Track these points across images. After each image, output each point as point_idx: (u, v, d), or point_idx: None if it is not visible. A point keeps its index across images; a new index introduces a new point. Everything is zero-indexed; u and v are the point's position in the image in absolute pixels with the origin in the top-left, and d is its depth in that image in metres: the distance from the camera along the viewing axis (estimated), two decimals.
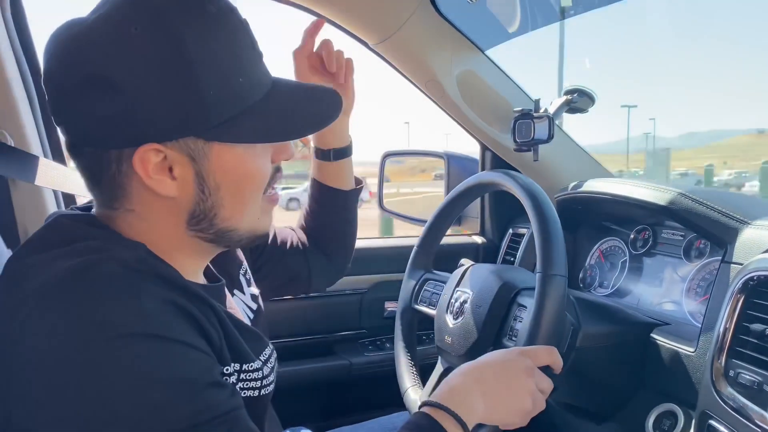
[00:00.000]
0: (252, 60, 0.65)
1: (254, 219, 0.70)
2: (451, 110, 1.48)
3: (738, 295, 0.86)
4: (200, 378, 0.58)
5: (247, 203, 0.68)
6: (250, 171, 0.67)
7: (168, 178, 0.63)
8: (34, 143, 1.16)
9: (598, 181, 1.30)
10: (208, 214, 0.66)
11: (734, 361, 0.84)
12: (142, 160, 0.61)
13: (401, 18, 1.29)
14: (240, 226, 0.69)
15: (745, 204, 1.05)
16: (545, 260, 0.90)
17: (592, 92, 1.40)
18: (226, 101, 0.62)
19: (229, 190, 0.66)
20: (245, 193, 0.67)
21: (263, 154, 0.68)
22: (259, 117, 0.64)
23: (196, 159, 0.63)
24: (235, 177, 0.66)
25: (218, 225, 0.67)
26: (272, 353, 0.80)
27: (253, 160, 0.67)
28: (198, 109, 0.60)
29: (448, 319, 1.10)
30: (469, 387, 0.76)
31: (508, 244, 1.63)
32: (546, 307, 0.88)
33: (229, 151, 0.64)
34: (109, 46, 0.58)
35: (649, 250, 1.27)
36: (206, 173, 0.64)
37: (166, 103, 0.59)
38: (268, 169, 0.69)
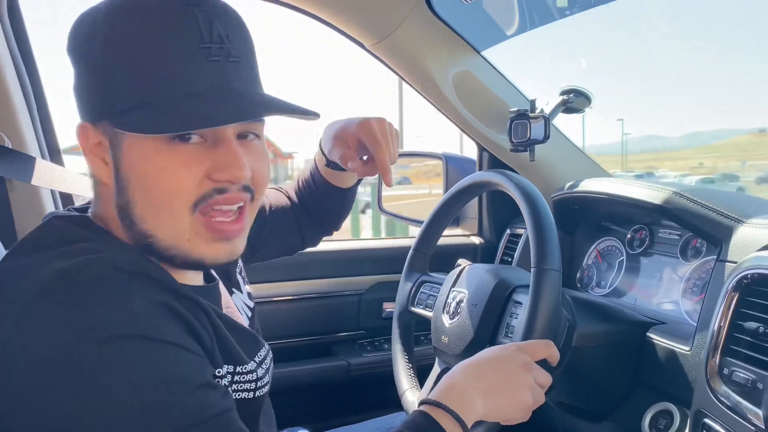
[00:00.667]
0: (180, 53, 0.60)
1: (179, 236, 0.64)
2: (448, 111, 1.48)
3: (732, 294, 0.86)
4: (191, 379, 0.58)
5: (161, 210, 0.63)
6: (158, 172, 0.61)
7: (101, 161, 0.65)
8: (32, 145, 1.17)
9: (593, 181, 1.30)
10: (125, 209, 0.64)
11: (728, 359, 0.84)
12: (81, 135, 0.64)
13: (397, 19, 1.29)
14: (159, 235, 0.64)
15: (740, 202, 1.05)
16: (539, 255, 0.91)
17: (588, 92, 1.40)
18: (132, 89, 0.60)
19: (138, 186, 0.62)
20: (154, 197, 0.62)
21: (187, 160, 0.61)
22: (156, 109, 0.59)
23: (114, 145, 0.63)
24: (142, 174, 0.62)
25: (137, 225, 0.64)
26: (267, 354, 0.79)
27: (164, 162, 0.61)
28: (108, 92, 0.61)
29: (444, 319, 1.10)
30: (468, 384, 0.76)
31: (505, 244, 1.63)
32: (541, 302, 0.88)
33: (139, 144, 0.61)
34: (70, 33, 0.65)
35: (646, 250, 1.27)
36: (119, 162, 0.63)
37: (89, 83, 0.63)
38: (187, 181, 0.62)
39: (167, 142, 0.61)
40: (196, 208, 0.63)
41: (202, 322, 0.64)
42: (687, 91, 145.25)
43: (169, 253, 0.65)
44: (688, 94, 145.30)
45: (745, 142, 52.14)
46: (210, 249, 0.65)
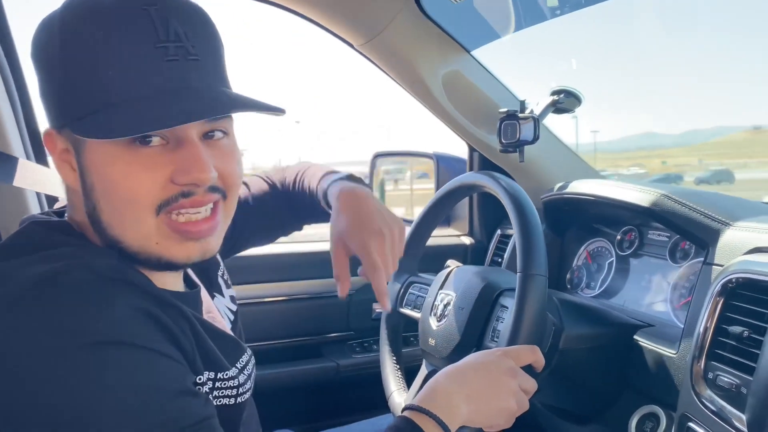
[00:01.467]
0: (136, 56, 0.58)
1: (147, 240, 0.63)
2: (437, 111, 1.47)
3: (717, 298, 0.86)
4: (171, 386, 0.57)
5: (125, 215, 0.62)
6: (119, 176, 0.60)
7: (69, 167, 0.64)
8: (16, 146, 1.16)
9: (582, 182, 1.29)
10: (93, 215, 0.63)
11: (713, 363, 0.84)
12: (47, 142, 0.64)
13: (386, 19, 1.28)
14: (127, 240, 0.63)
15: (728, 205, 1.04)
16: (525, 260, 0.90)
17: (578, 93, 1.40)
18: (88, 93, 0.59)
19: (101, 192, 0.61)
20: (117, 202, 0.61)
21: (148, 163, 0.60)
22: (114, 114, 0.58)
23: (77, 151, 0.62)
24: (104, 179, 0.61)
25: (106, 231, 0.63)
26: (250, 359, 0.78)
27: (125, 166, 0.60)
28: (64, 99, 0.61)
29: (431, 322, 1.10)
30: (452, 389, 0.76)
31: (496, 245, 1.63)
32: (527, 307, 0.88)
33: (100, 149, 0.60)
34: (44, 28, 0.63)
35: (636, 251, 1.27)
36: (84, 169, 0.62)
37: (50, 90, 0.62)
38: (149, 184, 0.61)
39: (128, 145, 0.60)
40: (160, 211, 0.62)
41: (183, 328, 0.63)
42: (688, 89, 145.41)
43: (140, 257, 0.64)
44: (689, 92, 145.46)
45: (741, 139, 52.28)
46: (181, 250, 0.64)
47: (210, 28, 0.64)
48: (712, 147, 51.84)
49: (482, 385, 0.77)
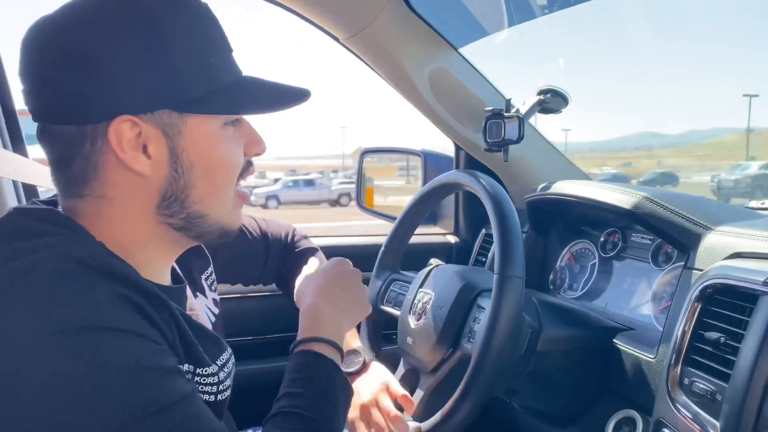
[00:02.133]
0: (223, 46, 0.68)
1: (225, 210, 0.71)
2: (423, 108, 1.46)
3: (695, 303, 0.85)
4: (155, 366, 0.58)
5: (219, 188, 0.69)
6: (221, 153, 0.68)
7: (142, 155, 0.64)
8: None
9: (565, 183, 1.28)
10: (180, 195, 0.66)
11: (689, 369, 0.83)
12: (117, 132, 0.62)
13: (372, 13, 1.27)
14: (210, 212, 0.69)
15: (710, 209, 1.03)
16: (503, 261, 0.90)
17: (565, 93, 1.39)
18: (199, 78, 0.64)
19: (201, 169, 0.66)
20: (217, 176, 0.68)
21: (235, 141, 0.70)
22: (230, 96, 0.66)
23: (170, 135, 0.64)
24: (207, 156, 0.67)
25: (189, 208, 0.67)
26: (230, 358, 0.79)
27: (225, 143, 0.68)
28: (171, 83, 0.63)
29: (410, 320, 1.09)
30: (329, 309, 0.84)
31: (480, 244, 1.62)
32: (502, 309, 0.88)
33: (203, 129, 0.66)
34: (82, 23, 0.62)
35: (619, 254, 1.26)
36: (180, 150, 0.65)
37: (140, 76, 0.62)
38: (239, 158, 0.70)
39: (222, 126, 0.68)
40: (238, 183, 0.72)
41: (165, 319, 0.64)
42: (687, 89, 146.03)
43: (211, 228, 0.70)
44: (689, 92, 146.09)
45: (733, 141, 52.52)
46: (238, 217, 0.74)
47: None
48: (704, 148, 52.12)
49: (344, 293, 0.87)
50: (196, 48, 0.64)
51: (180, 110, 0.64)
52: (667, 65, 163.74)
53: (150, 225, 0.68)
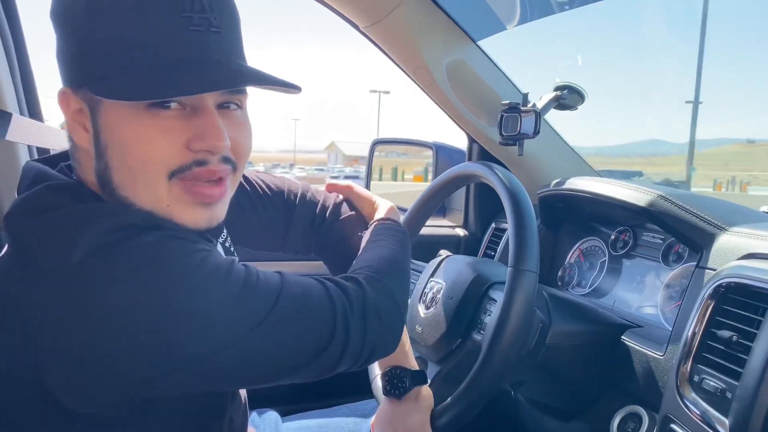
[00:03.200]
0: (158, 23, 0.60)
1: (158, 202, 0.64)
2: (439, 99, 1.46)
3: (708, 301, 0.85)
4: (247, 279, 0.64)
5: (137, 176, 0.63)
6: (135, 139, 0.61)
7: (82, 128, 0.65)
8: (10, 101, 1.15)
9: (580, 179, 1.29)
10: (104, 175, 0.64)
11: (700, 366, 0.84)
12: (62, 101, 0.64)
13: (393, 2, 1.27)
14: (136, 200, 0.64)
15: (724, 209, 1.04)
16: (517, 255, 0.90)
17: (582, 90, 1.39)
18: (113, 54, 0.60)
19: (114, 152, 0.63)
20: (130, 163, 0.62)
21: (165, 129, 0.62)
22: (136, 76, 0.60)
23: (93, 111, 0.63)
24: (119, 139, 0.62)
25: (116, 191, 0.64)
26: None
27: (143, 129, 0.61)
28: (89, 58, 0.62)
29: (420, 309, 1.09)
30: None
31: (490, 238, 1.62)
32: (514, 302, 0.88)
33: (117, 111, 0.61)
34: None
35: (629, 252, 1.26)
36: (99, 129, 0.63)
37: (70, 49, 0.63)
38: (165, 147, 0.62)
39: (146, 109, 0.61)
40: (173, 177, 0.63)
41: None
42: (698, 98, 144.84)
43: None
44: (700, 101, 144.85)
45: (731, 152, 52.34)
46: (190, 214, 0.65)
47: (231, 3, 0.66)
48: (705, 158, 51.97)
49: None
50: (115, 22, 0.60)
51: (91, 89, 0.61)
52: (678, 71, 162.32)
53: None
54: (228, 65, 0.63)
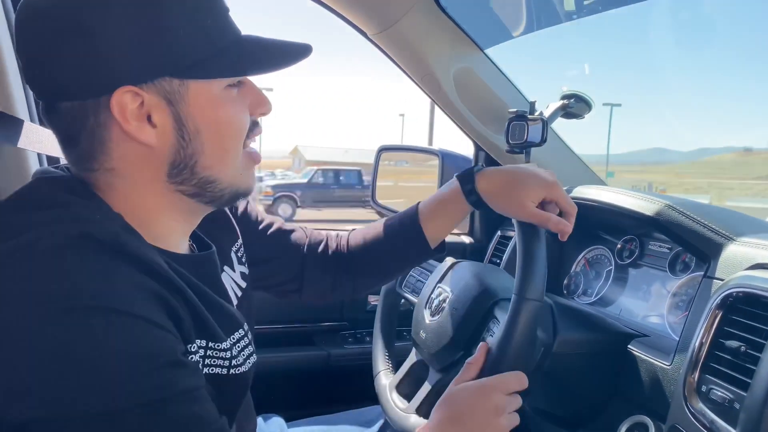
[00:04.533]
0: (219, 6, 0.66)
1: (236, 173, 0.70)
2: (446, 106, 1.47)
3: (716, 311, 0.85)
4: (161, 355, 0.57)
5: (228, 151, 0.68)
6: (227, 115, 0.67)
7: (147, 125, 0.63)
8: (21, 108, 1.15)
9: (587, 188, 1.29)
10: (188, 162, 0.66)
11: (707, 376, 0.83)
12: (119, 104, 0.61)
13: (402, 10, 1.28)
14: (221, 176, 0.69)
15: (731, 219, 1.04)
16: (523, 282, 0.87)
17: (589, 98, 1.39)
18: (197, 41, 0.63)
19: (209, 134, 0.66)
20: (224, 139, 0.67)
21: (240, 102, 0.69)
22: (230, 57, 0.65)
23: (173, 102, 0.64)
24: (213, 120, 0.66)
25: (199, 174, 0.67)
26: (245, 336, 0.78)
27: (230, 105, 0.67)
28: (170, 48, 0.62)
29: (425, 315, 1.09)
30: None
31: (495, 245, 1.62)
32: (516, 332, 0.85)
33: (205, 93, 0.65)
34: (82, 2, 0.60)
35: (635, 261, 1.26)
36: (185, 117, 0.64)
37: (137, 44, 0.61)
38: (245, 119, 0.70)
39: (227, 89, 0.67)
40: (246, 145, 0.71)
41: (176, 296, 0.63)
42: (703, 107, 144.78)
43: (223, 192, 0.70)
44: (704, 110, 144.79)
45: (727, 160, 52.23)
46: (251, 178, 0.74)
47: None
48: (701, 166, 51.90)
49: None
50: (191, 10, 0.63)
51: (180, 76, 0.63)
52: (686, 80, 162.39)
53: (163, 194, 0.68)
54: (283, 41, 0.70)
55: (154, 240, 0.67)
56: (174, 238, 0.71)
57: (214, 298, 0.72)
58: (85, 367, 0.52)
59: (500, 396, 0.80)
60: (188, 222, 0.74)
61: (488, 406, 0.79)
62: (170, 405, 0.56)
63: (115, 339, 0.54)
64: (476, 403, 0.79)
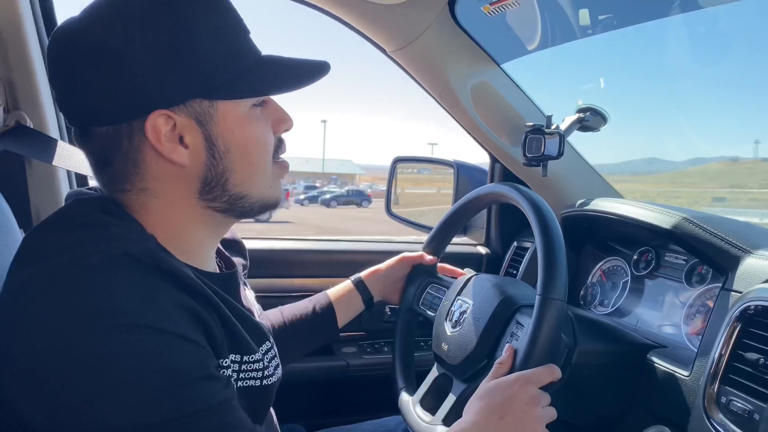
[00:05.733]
0: (240, 28, 0.69)
1: (266, 186, 0.73)
2: (464, 120, 1.49)
3: (735, 323, 0.87)
4: (194, 370, 0.59)
5: (257, 167, 0.71)
6: (254, 134, 0.70)
7: (180, 146, 0.66)
8: (52, 126, 1.19)
9: (604, 201, 1.31)
10: (219, 179, 0.69)
11: (727, 388, 0.85)
12: (154, 127, 0.64)
13: (420, 27, 1.30)
14: (251, 191, 0.72)
15: (748, 232, 1.05)
16: (546, 283, 0.89)
17: (604, 112, 1.41)
18: (223, 63, 0.66)
19: (238, 152, 0.69)
20: (253, 156, 0.70)
21: (264, 120, 0.72)
22: (255, 77, 0.68)
23: (203, 123, 0.66)
24: (242, 139, 0.69)
25: (230, 191, 0.70)
26: (272, 347, 0.81)
27: (256, 124, 0.70)
28: (199, 71, 0.64)
29: (446, 327, 1.11)
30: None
31: (511, 256, 1.64)
32: (542, 332, 0.87)
33: (233, 113, 0.68)
34: (106, 20, 0.63)
35: (651, 273, 1.28)
36: (215, 137, 0.67)
37: (168, 68, 0.63)
38: (270, 136, 0.73)
39: (252, 108, 0.70)
40: (274, 159, 0.74)
41: (210, 312, 0.66)
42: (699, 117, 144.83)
43: (255, 206, 0.73)
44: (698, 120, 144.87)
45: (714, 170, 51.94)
46: (279, 188, 0.76)
47: None
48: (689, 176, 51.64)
49: (507, 426, 0.80)
50: (217, 33, 0.65)
51: (210, 97, 0.65)
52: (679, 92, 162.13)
53: (194, 211, 0.70)
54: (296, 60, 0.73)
55: (185, 258, 0.69)
56: (203, 256, 0.74)
57: (244, 312, 0.75)
58: (121, 382, 0.55)
59: (535, 387, 0.82)
60: (217, 235, 0.77)
61: (524, 397, 0.81)
62: (204, 418, 0.58)
63: (151, 355, 0.56)
64: (513, 394, 0.81)
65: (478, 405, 0.82)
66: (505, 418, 0.79)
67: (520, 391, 0.81)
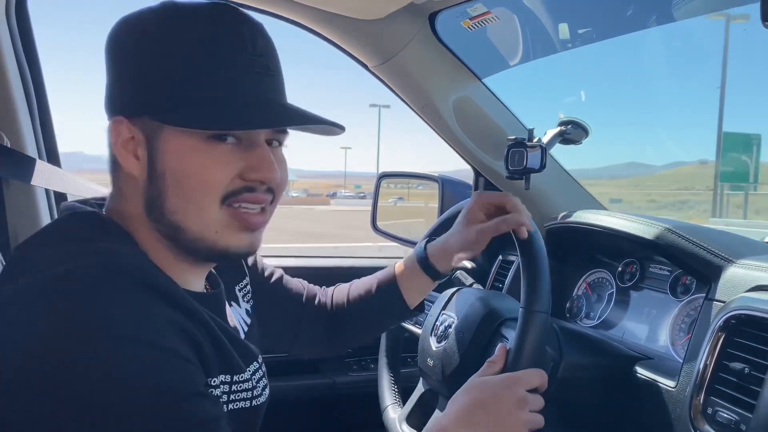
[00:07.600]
0: (229, 63, 0.66)
1: (208, 228, 0.67)
2: (446, 135, 1.49)
3: (719, 333, 0.86)
4: (185, 387, 0.59)
5: (192, 202, 0.66)
6: (193, 168, 0.65)
7: (132, 156, 0.67)
8: (30, 145, 1.17)
9: (587, 213, 1.31)
10: (155, 201, 0.68)
11: (713, 398, 0.85)
12: (114, 130, 0.68)
13: (401, 42, 1.30)
14: (188, 226, 0.67)
15: (731, 242, 1.06)
16: (529, 296, 0.89)
17: (586, 124, 1.42)
18: (181, 89, 0.65)
19: (171, 179, 0.66)
20: (186, 190, 0.66)
21: (222, 159, 0.66)
22: (210, 109, 0.65)
23: (150, 140, 0.67)
24: (178, 167, 0.66)
25: (167, 217, 0.67)
26: (260, 367, 0.81)
27: (202, 158, 0.65)
28: (152, 90, 0.66)
29: (431, 342, 1.10)
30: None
31: (497, 270, 1.63)
32: (526, 344, 0.87)
33: (177, 140, 0.66)
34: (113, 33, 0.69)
35: (636, 284, 1.28)
36: (155, 156, 0.67)
37: (133, 79, 0.67)
38: (221, 177, 0.66)
39: (204, 140, 0.65)
40: (224, 202, 0.67)
41: (201, 331, 0.65)
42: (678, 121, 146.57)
43: (196, 244, 0.68)
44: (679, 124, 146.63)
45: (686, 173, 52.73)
46: (235, 239, 0.69)
47: (277, 52, 0.71)
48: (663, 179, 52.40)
49: (492, 424, 0.77)
50: (189, 58, 0.65)
51: (158, 119, 0.66)
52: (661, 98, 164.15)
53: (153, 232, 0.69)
54: (285, 106, 0.70)
55: (171, 275, 0.68)
56: (183, 279, 0.72)
57: (231, 332, 0.74)
58: (111, 396, 0.54)
59: (523, 390, 0.81)
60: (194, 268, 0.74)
61: (512, 397, 0.79)
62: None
63: (142, 370, 0.56)
64: (501, 392, 0.80)
65: (465, 398, 0.81)
66: (489, 416, 0.78)
67: (509, 391, 0.80)
